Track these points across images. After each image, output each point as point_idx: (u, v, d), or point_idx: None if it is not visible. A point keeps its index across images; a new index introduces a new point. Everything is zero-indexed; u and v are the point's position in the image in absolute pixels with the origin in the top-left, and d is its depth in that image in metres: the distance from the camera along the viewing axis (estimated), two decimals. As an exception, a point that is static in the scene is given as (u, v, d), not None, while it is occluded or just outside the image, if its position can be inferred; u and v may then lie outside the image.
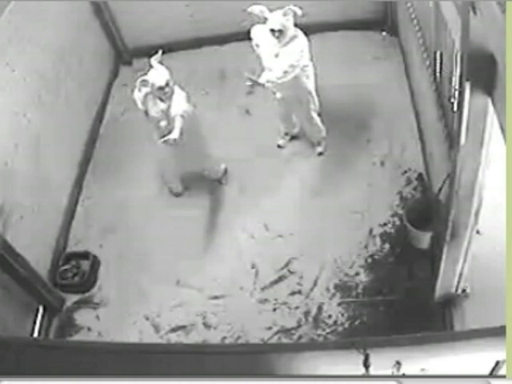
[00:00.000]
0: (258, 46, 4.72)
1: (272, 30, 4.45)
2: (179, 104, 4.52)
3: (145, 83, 4.37)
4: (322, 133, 5.43)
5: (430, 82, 4.31)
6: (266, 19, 4.47)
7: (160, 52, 4.46)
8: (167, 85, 4.40)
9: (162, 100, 4.51)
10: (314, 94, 5.02)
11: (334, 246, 4.79)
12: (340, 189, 5.17)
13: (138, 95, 4.57)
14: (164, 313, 4.67)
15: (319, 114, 5.29)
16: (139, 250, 5.10)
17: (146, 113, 4.66)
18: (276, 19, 4.42)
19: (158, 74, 4.39)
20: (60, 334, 4.71)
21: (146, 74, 4.44)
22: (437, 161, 4.63)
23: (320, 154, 5.52)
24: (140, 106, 4.60)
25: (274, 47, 4.57)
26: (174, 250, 5.02)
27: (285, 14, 4.40)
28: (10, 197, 4.47)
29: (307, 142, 5.60)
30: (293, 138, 5.68)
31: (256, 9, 4.46)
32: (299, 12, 4.39)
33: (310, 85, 4.93)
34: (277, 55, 4.59)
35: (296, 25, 4.57)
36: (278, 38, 4.47)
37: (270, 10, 4.47)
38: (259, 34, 4.68)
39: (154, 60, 4.42)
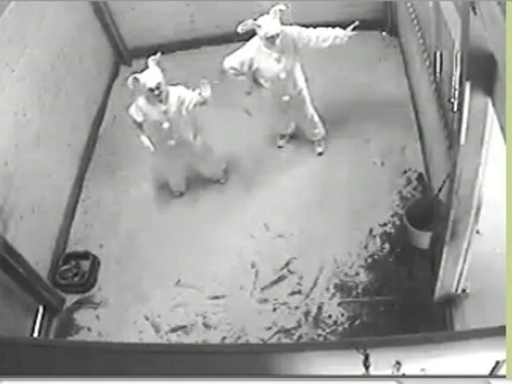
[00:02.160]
0: (252, 61, 4.64)
1: (271, 37, 4.40)
2: (187, 92, 4.56)
3: (136, 81, 4.35)
4: (321, 132, 5.43)
5: (430, 81, 4.31)
6: (259, 27, 4.41)
7: (159, 53, 4.44)
8: (158, 88, 4.35)
9: (160, 101, 4.49)
10: (306, 89, 5.00)
11: (334, 246, 4.79)
12: (340, 189, 5.17)
13: (133, 110, 4.56)
14: (164, 313, 4.67)
15: (316, 110, 5.28)
16: (139, 250, 5.11)
17: (141, 126, 4.63)
18: (270, 25, 4.36)
19: (150, 75, 4.35)
20: (60, 333, 4.71)
21: (140, 72, 4.42)
22: (437, 161, 4.63)
23: (320, 153, 5.52)
24: (137, 118, 4.55)
25: (273, 54, 4.55)
26: (174, 250, 5.02)
27: (275, 15, 4.35)
28: (9, 197, 4.47)
29: (307, 142, 5.60)
30: (293, 138, 5.68)
31: (248, 25, 4.37)
32: (284, 8, 4.35)
33: (302, 80, 4.92)
34: (278, 60, 4.58)
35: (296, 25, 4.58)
36: (272, 42, 4.42)
37: (262, 14, 4.45)
38: (251, 52, 4.62)
39: (151, 60, 4.39)
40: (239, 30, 4.37)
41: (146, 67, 4.41)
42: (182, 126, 4.67)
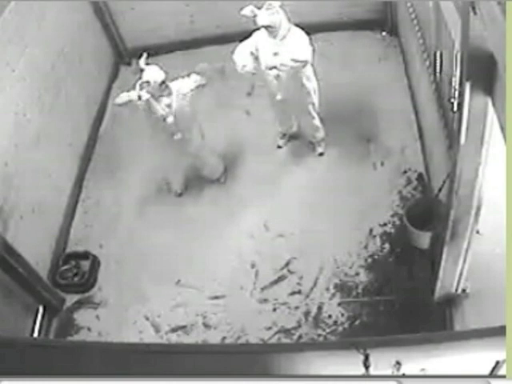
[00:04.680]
0: (257, 50, 4.67)
1: (263, 27, 4.45)
2: (183, 81, 4.61)
3: (146, 84, 4.37)
4: (321, 133, 5.42)
5: (430, 81, 4.31)
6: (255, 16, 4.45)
7: (145, 54, 4.48)
8: (165, 80, 4.45)
9: (163, 95, 4.51)
10: (314, 95, 5.00)
11: (334, 246, 4.79)
12: (340, 189, 5.17)
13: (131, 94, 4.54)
14: (164, 313, 4.67)
15: (319, 114, 5.29)
16: (139, 250, 5.10)
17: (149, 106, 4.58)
18: (261, 15, 4.41)
19: (154, 72, 4.41)
20: (60, 334, 4.71)
21: (140, 77, 4.42)
22: (437, 161, 4.63)
23: (321, 154, 5.52)
24: (143, 97, 4.53)
25: (273, 46, 4.57)
26: (174, 250, 5.02)
27: (267, 9, 4.39)
28: (9, 197, 4.47)
29: (307, 142, 5.60)
30: (292, 138, 5.68)
31: (247, 10, 4.43)
32: (277, 4, 4.39)
33: (311, 85, 4.92)
34: (276, 53, 4.59)
35: (297, 25, 4.58)
36: (271, 33, 4.46)
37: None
38: (258, 38, 4.65)
39: (142, 63, 4.45)
40: (241, 13, 4.43)
41: (142, 70, 4.42)
42: (183, 121, 4.67)
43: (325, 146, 5.52)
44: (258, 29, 4.64)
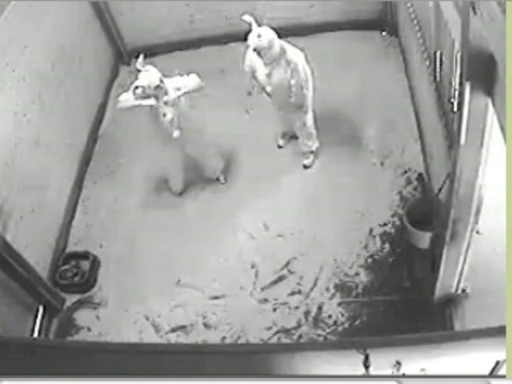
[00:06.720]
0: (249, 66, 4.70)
1: (255, 50, 4.44)
2: (182, 79, 4.59)
3: (140, 88, 4.37)
4: (314, 145, 5.35)
5: (430, 81, 4.31)
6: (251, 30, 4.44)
7: (141, 56, 4.45)
8: (161, 81, 4.42)
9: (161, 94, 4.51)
10: (310, 104, 4.96)
11: (333, 246, 4.79)
12: (340, 189, 5.17)
13: (124, 97, 4.53)
14: (164, 313, 4.67)
15: (316, 126, 5.24)
16: (139, 250, 5.10)
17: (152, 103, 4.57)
18: (251, 38, 4.39)
19: (149, 75, 4.39)
20: (60, 334, 4.71)
21: (137, 78, 4.42)
22: (437, 161, 4.63)
23: (306, 167, 5.44)
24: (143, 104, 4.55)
25: (265, 67, 4.56)
26: (174, 249, 5.02)
27: (259, 36, 4.36)
28: (9, 197, 4.47)
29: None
30: (293, 137, 5.67)
31: (247, 18, 4.44)
32: (271, 35, 4.37)
33: (309, 95, 4.87)
34: (269, 75, 4.58)
35: (297, 25, 4.57)
36: (259, 54, 4.45)
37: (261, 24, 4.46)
38: (252, 55, 4.64)
39: (138, 64, 4.42)
40: (243, 18, 4.44)
41: (138, 72, 4.42)
42: (182, 120, 4.66)
43: (313, 159, 5.44)
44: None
